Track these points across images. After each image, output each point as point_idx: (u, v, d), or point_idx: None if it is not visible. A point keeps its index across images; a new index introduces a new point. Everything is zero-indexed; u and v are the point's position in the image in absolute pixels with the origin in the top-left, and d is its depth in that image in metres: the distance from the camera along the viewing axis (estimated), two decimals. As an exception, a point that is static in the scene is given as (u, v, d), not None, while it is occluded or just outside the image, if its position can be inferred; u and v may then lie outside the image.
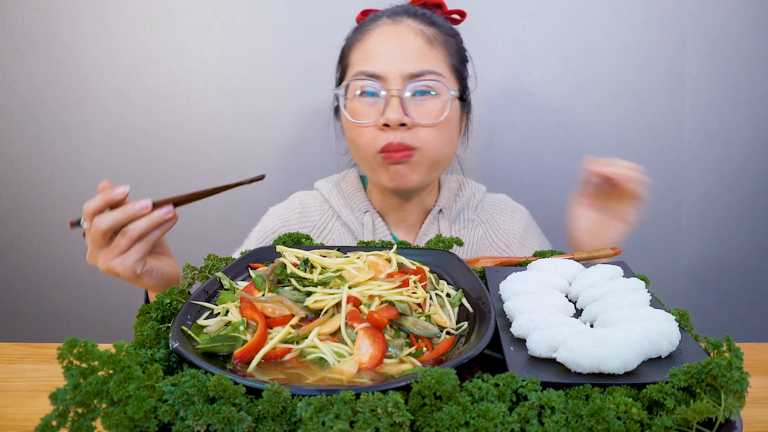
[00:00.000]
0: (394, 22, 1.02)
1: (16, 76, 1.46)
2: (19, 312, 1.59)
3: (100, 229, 0.77)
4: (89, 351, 0.48)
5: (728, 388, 0.46)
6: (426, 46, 1.00)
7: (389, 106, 0.97)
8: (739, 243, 1.52)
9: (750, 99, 1.45)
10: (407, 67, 0.98)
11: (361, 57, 1.01)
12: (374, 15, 1.07)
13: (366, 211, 1.13)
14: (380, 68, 0.98)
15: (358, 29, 1.06)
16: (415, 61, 0.98)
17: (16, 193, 1.52)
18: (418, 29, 1.01)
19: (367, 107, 1.00)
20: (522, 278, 0.72)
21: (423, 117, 0.98)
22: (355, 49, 1.04)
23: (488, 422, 0.46)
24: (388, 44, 0.99)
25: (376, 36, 1.01)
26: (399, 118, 0.96)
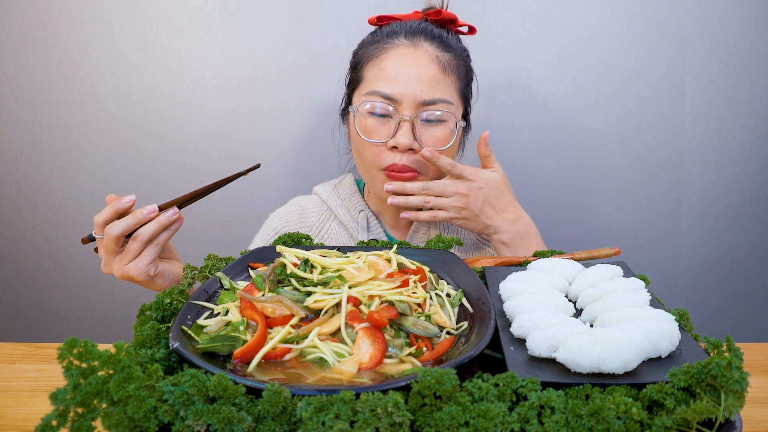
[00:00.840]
0: (413, 44, 1.04)
1: (16, 76, 1.46)
2: (19, 312, 1.59)
3: (112, 237, 0.81)
4: (89, 351, 0.48)
5: (728, 388, 0.46)
6: (440, 74, 1.03)
7: (400, 130, 1.01)
8: (739, 243, 1.52)
9: (750, 99, 1.45)
10: (422, 94, 1.01)
11: (377, 76, 1.04)
12: (391, 30, 1.07)
13: (361, 210, 1.16)
14: (396, 91, 1.01)
15: (374, 44, 1.07)
16: (430, 88, 1.02)
17: (16, 193, 1.52)
18: (435, 55, 1.04)
19: (378, 126, 1.03)
20: (522, 278, 0.72)
21: (430, 143, 1.03)
22: (370, 65, 1.06)
23: (488, 422, 0.46)
24: (406, 68, 1.02)
25: (394, 57, 1.03)
26: (409, 143, 1.01)
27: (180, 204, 0.86)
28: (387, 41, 1.06)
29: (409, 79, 1.01)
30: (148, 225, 0.82)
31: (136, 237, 0.82)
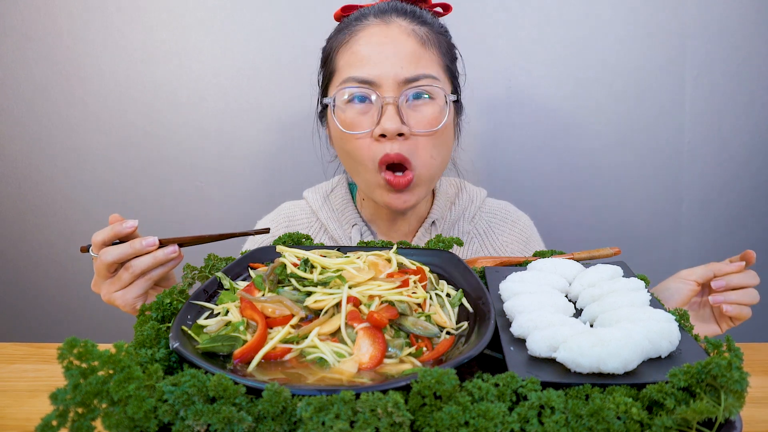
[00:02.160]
0: (384, 21, 0.94)
1: (16, 76, 1.46)
2: (19, 312, 1.59)
3: (105, 262, 0.79)
4: (89, 351, 0.48)
5: (728, 388, 0.46)
6: (420, 48, 0.93)
7: (385, 115, 0.90)
8: (738, 243, 1.51)
9: (750, 99, 1.45)
10: (402, 71, 0.91)
11: (350, 61, 0.94)
12: (359, 13, 0.98)
13: (354, 224, 1.08)
14: (373, 74, 0.91)
15: (342, 30, 0.98)
16: (410, 64, 0.91)
17: (17, 193, 1.52)
18: (410, 29, 0.94)
19: (359, 116, 0.93)
20: (522, 278, 0.72)
21: (420, 125, 0.92)
22: (342, 53, 0.96)
23: (488, 422, 0.46)
24: (380, 47, 0.92)
25: (365, 38, 0.93)
26: (397, 127, 0.90)
27: (182, 243, 0.82)
28: (355, 25, 0.96)
29: (385, 57, 0.91)
30: (144, 258, 0.79)
31: (128, 267, 0.79)
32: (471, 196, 1.14)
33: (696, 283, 0.89)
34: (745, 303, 0.84)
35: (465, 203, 1.12)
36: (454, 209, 1.11)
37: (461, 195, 1.13)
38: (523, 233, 1.15)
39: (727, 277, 0.85)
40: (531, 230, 1.18)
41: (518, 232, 1.14)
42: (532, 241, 1.16)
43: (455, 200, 1.12)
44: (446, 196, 1.12)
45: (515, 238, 1.13)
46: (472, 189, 1.16)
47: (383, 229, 1.10)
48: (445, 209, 1.11)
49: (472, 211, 1.12)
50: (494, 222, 1.14)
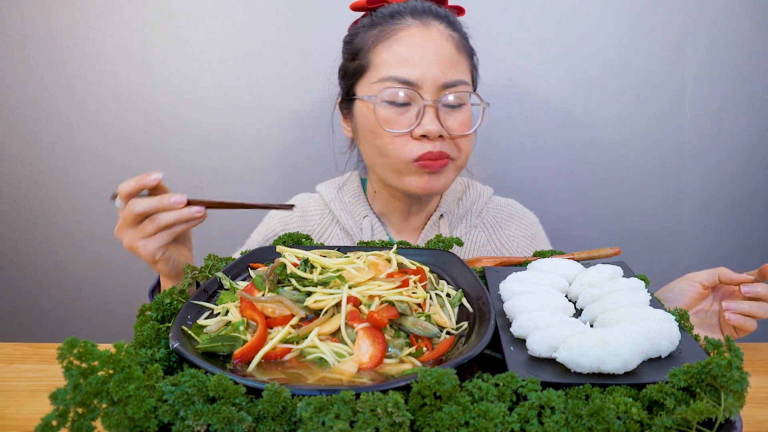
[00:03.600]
0: (424, 24, 0.97)
1: (16, 76, 1.46)
2: (19, 312, 1.59)
3: (132, 212, 0.81)
4: (89, 351, 0.48)
5: (728, 388, 0.46)
6: (456, 53, 0.97)
7: (426, 117, 0.94)
8: (738, 242, 1.52)
9: (749, 99, 1.45)
10: (442, 76, 0.95)
11: (389, 60, 0.96)
12: (392, 10, 1.00)
13: (365, 216, 1.11)
14: (414, 75, 0.94)
15: (376, 25, 1.00)
16: (449, 69, 0.96)
17: (17, 193, 1.52)
18: (447, 34, 0.98)
19: (397, 115, 0.96)
20: (522, 278, 0.72)
21: (456, 127, 0.97)
22: (379, 50, 0.98)
23: (488, 422, 0.46)
24: (422, 50, 0.95)
25: (407, 38, 0.96)
26: (438, 129, 0.94)
27: (209, 206, 0.84)
28: (393, 22, 0.98)
29: (427, 61, 0.94)
30: (169, 213, 0.81)
31: (153, 219, 0.81)
32: (478, 192, 1.17)
33: (701, 286, 0.88)
34: (755, 315, 0.83)
35: (472, 199, 1.15)
36: (461, 204, 1.14)
37: (468, 192, 1.16)
38: (530, 229, 1.17)
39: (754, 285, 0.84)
40: (537, 227, 1.20)
41: (524, 227, 1.17)
42: (537, 237, 1.18)
43: (462, 196, 1.15)
44: (454, 191, 1.15)
45: (522, 233, 1.16)
46: (479, 186, 1.18)
47: (394, 222, 1.12)
48: (452, 204, 1.13)
49: (479, 206, 1.15)
50: (501, 217, 1.16)
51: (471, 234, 1.13)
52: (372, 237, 1.09)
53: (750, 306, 0.83)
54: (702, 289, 0.88)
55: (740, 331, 0.85)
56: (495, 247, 1.13)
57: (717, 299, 0.90)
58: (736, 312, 0.83)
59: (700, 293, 0.88)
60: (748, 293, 0.83)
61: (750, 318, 0.83)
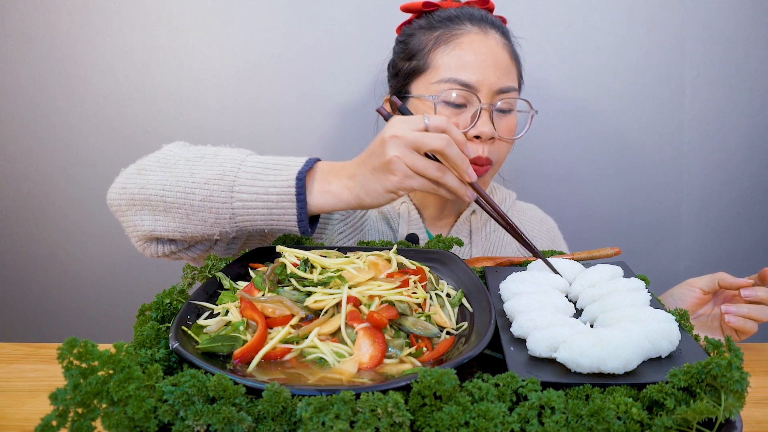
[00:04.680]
0: (482, 32, 1.02)
1: (16, 76, 1.46)
2: (19, 312, 1.59)
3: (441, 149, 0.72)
4: (89, 351, 0.48)
5: (728, 388, 0.46)
6: (510, 62, 1.03)
7: (481, 119, 0.99)
8: (738, 242, 1.52)
9: (749, 99, 1.45)
10: (497, 81, 0.99)
11: (451, 63, 1.00)
12: (450, 15, 1.04)
13: (403, 202, 1.13)
14: (474, 79, 0.98)
15: (435, 29, 1.04)
16: (504, 76, 1.01)
17: (16, 193, 1.52)
18: (503, 43, 1.03)
19: (454, 115, 1.00)
20: (522, 278, 0.72)
21: (505, 132, 1.02)
22: (441, 52, 1.02)
23: (488, 422, 0.46)
24: (481, 56, 1.00)
25: (468, 44, 1.01)
26: (491, 132, 0.99)
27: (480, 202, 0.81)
28: (453, 27, 1.03)
29: (486, 66, 0.99)
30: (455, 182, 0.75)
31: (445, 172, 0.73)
32: (504, 195, 1.22)
33: (701, 291, 0.90)
34: (755, 318, 0.84)
35: (500, 199, 1.20)
36: None
37: (496, 193, 1.21)
38: (550, 232, 1.24)
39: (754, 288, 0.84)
40: (556, 231, 1.27)
41: (546, 230, 1.23)
42: (557, 240, 1.25)
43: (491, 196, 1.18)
44: None
45: (544, 235, 1.22)
46: (504, 191, 1.24)
47: (428, 216, 1.14)
48: None
49: (507, 206, 1.20)
50: (524, 219, 1.22)
51: (498, 231, 1.16)
52: (408, 222, 1.11)
53: (750, 309, 0.83)
54: (702, 294, 0.89)
55: (741, 334, 0.86)
56: (518, 246, 1.17)
57: (717, 304, 0.91)
58: (736, 315, 0.83)
59: (700, 299, 0.89)
60: (749, 296, 0.84)
61: (750, 321, 0.84)
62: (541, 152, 1.49)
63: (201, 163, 0.80)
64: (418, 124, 0.73)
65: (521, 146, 1.49)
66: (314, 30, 1.43)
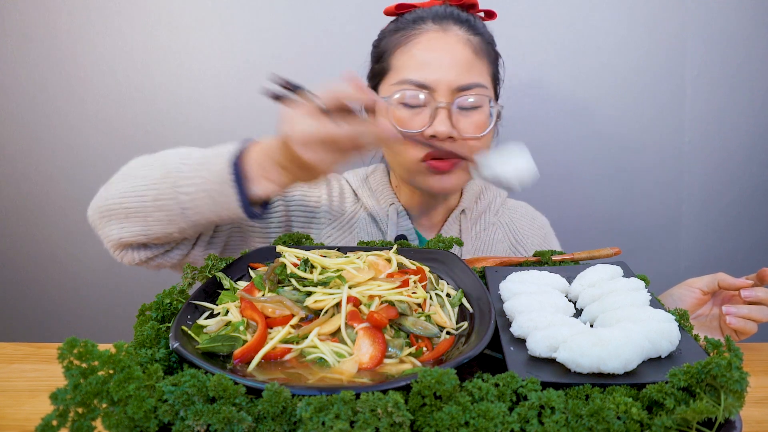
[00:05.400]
0: (442, 29, 1.00)
1: (16, 76, 1.46)
2: (19, 312, 1.59)
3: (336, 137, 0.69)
4: (89, 351, 0.48)
5: (728, 388, 0.46)
6: (473, 57, 1.00)
7: (438, 118, 0.97)
8: (738, 242, 1.52)
9: (749, 99, 1.45)
10: (457, 79, 0.97)
11: (407, 64, 0.99)
12: (416, 15, 1.03)
13: (392, 203, 1.12)
14: (430, 78, 0.97)
15: (399, 30, 1.03)
16: (464, 73, 0.98)
17: (16, 193, 1.52)
18: (466, 38, 1.00)
19: (410, 116, 0.98)
20: (522, 278, 0.72)
21: (468, 129, 0.99)
22: (399, 54, 1.01)
23: (488, 422, 0.46)
24: (438, 53, 0.98)
25: (424, 43, 0.99)
26: (448, 131, 0.97)
27: None
28: (414, 27, 1.02)
29: (442, 64, 0.97)
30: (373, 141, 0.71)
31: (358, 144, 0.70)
32: (494, 194, 1.21)
33: (701, 291, 0.90)
34: (755, 318, 0.84)
35: (490, 198, 1.19)
36: (480, 202, 1.17)
37: (485, 191, 1.20)
38: (542, 230, 1.23)
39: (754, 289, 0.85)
40: (548, 228, 1.25)
41: (537, 228, 1.22)
42: (549, 238, 1.23)
43: (480, 196, 1.19)
44: (473, 190, 1.18)
45: (535, 233, 1.20)
46: (495, 189, 1.22)
47: (416, 216, 1.14)
48: (472, 201, 1.17)
49: (497, 205, 1.19)
50: (516, 217, 1.21)
51: (489, 230, 1.16)
52: (397, 223, 1.11)
53: (750, 310, 0.84)
54: (701, 294, 0.89)
55: (740, 335, 0.86)
56: (510, 245, 1.16)
57: (716, 304, 0.91)
58: (737, 316, 0.84)
59: (699, 299, 0.89)
60: (749, 297, 0.84)
61: (750, 321, 0.84)
62: (541, 152, 1.48)
63: (152, 166, 0.83)
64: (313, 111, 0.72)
65: (521, 146, 1.49)
66: (314, 30, 1.43)
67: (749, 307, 0.84)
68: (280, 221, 1.06)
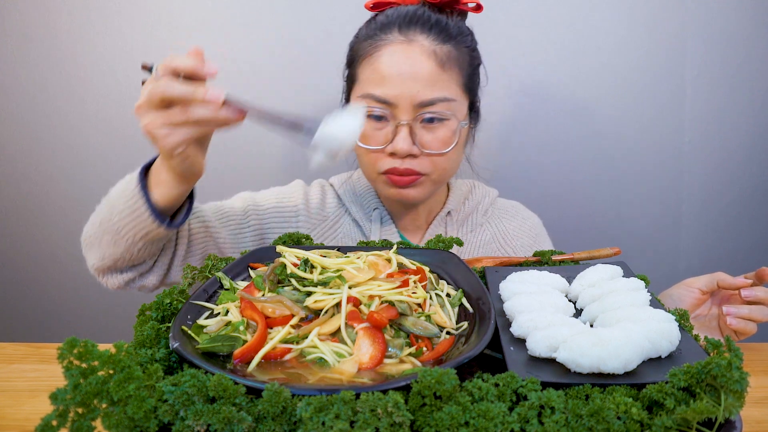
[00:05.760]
0: (407, 40, 0.97)
1: (16, 76, 1.46)
2: (19, 312, 1.59)
3: (164, 93, 0.70)
4: (89, 351, 0.48)
5: (728, 388, 0.46)
6: (438, 70, 0.96)
7: (398, 135, 0.95)
8: (738, 242, 1.52)
9: (749, 99, 1.45)
10: (419, 94, 0.94)
11: (370, 77, 0.97)
12: (385, 21, 1.00)
13: (375, 208, 1.11)
14: (390, 94, 0.95)
15: (368, 39, 1.00)
16: (427, 87, 0.95)
17: (16, 193, 1.52)
18: (431, 50, 0.96)
19: (374, 131, 0.97)
20: (522, 278, 0.72)
21: (431, 145, 0.97)
22: (364, 65, 0.99)
23: (488, 422, 0.46)
24: (400, 67, 0.95)
25: (387, 56, 0.96)
26: (408, 149, 0.95)
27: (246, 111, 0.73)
28: (380, 37, 0.98)
29: (404, 79, 0.94)
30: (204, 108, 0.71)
31: (186, 110, 0.70)
32: (483, 193, 1.18)
33: (700, 291, 0.89)
34: (755, 318, 0.84)
35: (478, 198, 1.17)
36: (467, 203, 1.15)
37: (474, 191, 1.18)
38: (533, 230, 1.20)
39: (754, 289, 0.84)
40: (540, 228, 1.23)
41: (528, 228, 1.19)
42: (540, 238, 1.20)
43: (468, 196, 1.17)
44: (460, 190, 1.16)
45: (525, 233, 1.18)
46: (484, 188, 1.20)
47: (399, 219, 1.13)
48: (459, 202, 1.15)
49: (485, 205, 1.17)
50: (505, 218, 1.19)
51: (476, 231, 1.14)
52: (381, 229, 1.09)
53: (750, 310, 0.83)
54: (701, 294, 0.89)
55: (740, 335, 0.86)
56: (499, 246, 1.14)
57: (715, 303, 0.91)
58: (737, 316, 0.83)
59: (698, 299, 0.89)
60: (749, 297, 0.84)
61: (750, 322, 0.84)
62: (541, 152, 1.49)
63: (108, 193, 0.90)
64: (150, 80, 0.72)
65: (521, 146, 1.49)
66: (314, 30, 1.43)
67: (749, 307, 0.84)
68: (254, 232, 1.06)
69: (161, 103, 0.71)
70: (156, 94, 0.70)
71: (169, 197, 0.81)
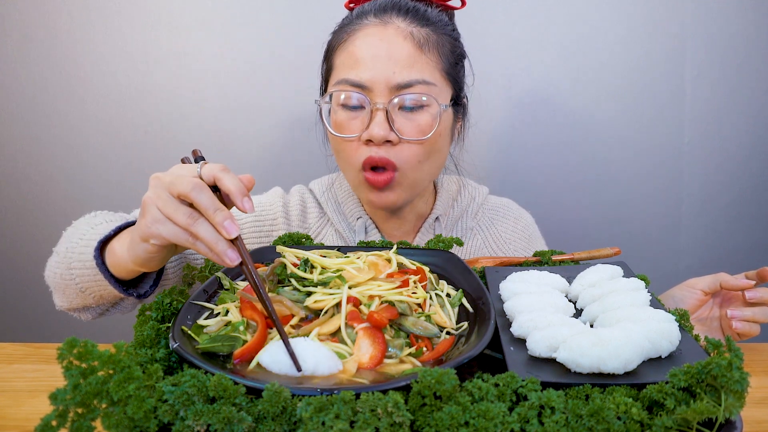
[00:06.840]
0: (382, 22, 0.92)
1: (16, 76, 1.46)
2: (19, 312, 1.59)
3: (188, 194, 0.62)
4: (89, 351, 0.48)
5: (728, 388, 0.46)
6: (416, 52, 0.91)
7: (374, 120, 0.89)
8: (738, 242, 1.52)
9: (749, 99, 1.45)
10: (394, 76, 0.89)
11: (345, 62, 0.93)
12: (361, 9, 0.96)
13: (359, 217, 1.06)
14: (365, 77, 0.89)
15: (343, 27, 0.96)
16: (404, 69, 0.89)
17: (16, 193, 1.52)
18: (408, 32, 0.91)
19: (350, 119, 0.92)
20: (522, 278, 0.72)
21: (410, 132, 0.91)
22: (339, 52, 0.95)
23: (488, 422, 0.46)
24: (374, 49, 0.90)
25: (361, 39, 0.92)
26: (384, 134, 0.89)
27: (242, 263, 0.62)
28: (355, 23, 0.94)
29: (378, 60, 0.89)
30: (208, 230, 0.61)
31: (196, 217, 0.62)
32: (473, 193, 1.14)
33: (702, 292, 0.88)
34: (759, 320, 0.84)
35: (467, 200, 1.12)
36: (456, 206, 1.11)
37: (463, 192, 1.13)
38: (526, 230, 1.16)
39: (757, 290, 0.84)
40: (533, 228, 1.18)
41: (521, 228, 1.15)
42: (534, 238, 1.17)
43: (457, 197, 1.12)
44: (448, 193, 1.12)
45: (518, 235, 1.14)
46: (474, 187, 1.16)
47: (385, 226, 1.08)
48: (447, 206, 1.10)
49: (475, 208, 1.12)
50: (497, 218, 1.14)
51: (467, 237, 1.10)
52: (366, 238, 1.05)
53: (754, 312, 0.83)
54: (703, 295, 0.88)
55: (743, 337, 0.86)
56: (491, 250, 1.11)
57: (717, 304, 0.90)
58: (741, 319, 0.83)
59: (700, 300, 0.89)
60: (753, 299, 0.84)
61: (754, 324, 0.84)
62: (541, 152, 1.49)
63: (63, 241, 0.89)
64: (191, 170, 0.66)
65: (522, 146, 1.49)
66: (314, 30, 1.43)
67: (753, 310, 0.83)
68: None
69: (179, 196, 0.63)
70: (181, 186, 0.62)
71: (121, 273, 0.76)
